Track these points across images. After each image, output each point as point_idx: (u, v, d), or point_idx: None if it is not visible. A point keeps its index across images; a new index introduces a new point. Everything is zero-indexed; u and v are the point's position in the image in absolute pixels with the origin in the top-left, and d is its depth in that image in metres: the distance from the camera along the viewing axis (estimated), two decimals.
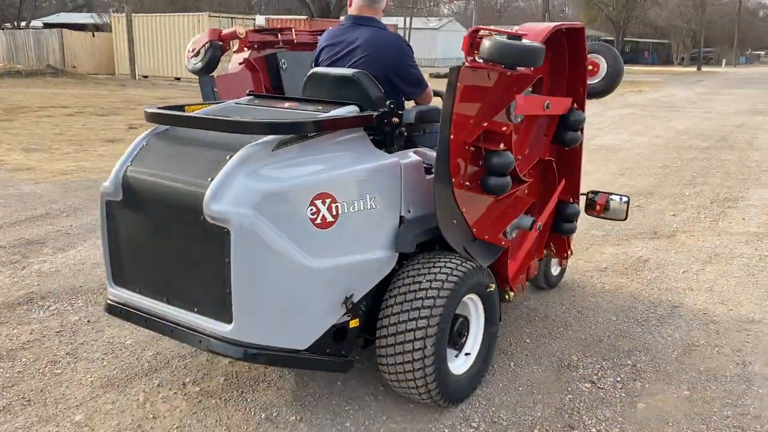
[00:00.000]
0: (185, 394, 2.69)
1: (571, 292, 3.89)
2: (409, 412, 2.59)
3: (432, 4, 51.36)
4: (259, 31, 3.61)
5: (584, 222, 5.35)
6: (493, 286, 2.70)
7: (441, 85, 3.32)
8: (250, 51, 3.48)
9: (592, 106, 9.63)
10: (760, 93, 21.97)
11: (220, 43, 3.43)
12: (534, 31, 2.57)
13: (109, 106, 13.58)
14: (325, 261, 2.24)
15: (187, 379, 2.80)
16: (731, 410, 2.67)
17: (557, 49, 2.84)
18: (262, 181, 2.10)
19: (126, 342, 3.13)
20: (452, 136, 2.32)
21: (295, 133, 2.25)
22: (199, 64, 3.41)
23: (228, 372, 2.85)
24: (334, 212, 2.24)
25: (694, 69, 45.20)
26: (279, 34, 3.66)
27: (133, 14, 23.21)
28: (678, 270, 4.31)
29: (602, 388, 2.82)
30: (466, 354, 2.69)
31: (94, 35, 25.80)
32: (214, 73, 3.44)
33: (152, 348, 3.06)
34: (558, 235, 3.27)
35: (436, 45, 51.09)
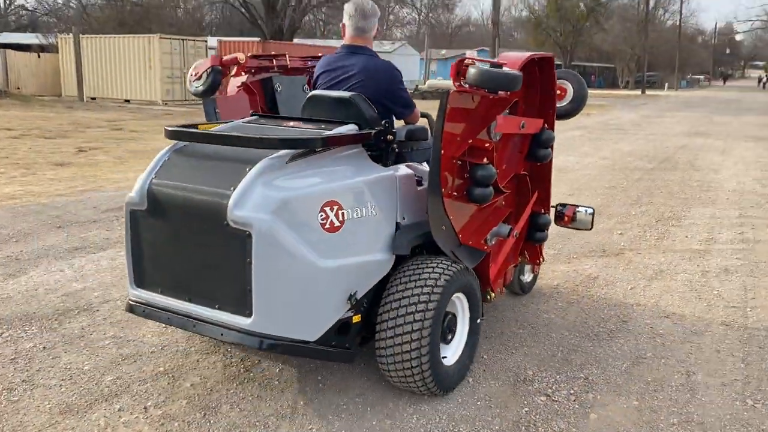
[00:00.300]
0: (147, 418, 2.68)
1: (524, 309, 4.01)
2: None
3: (385, 28, 52.17)
4: (257, 57, 3.90)
5: None
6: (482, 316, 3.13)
7: (423, 106, 3.51)
8: (247, 75, 3.77)
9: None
10: (700, 116, 22.98)
11: (221, 67, 3.71)
12: (512, 60, 2.90)
13: (57, 129, 13.31)
14: (333, 261, 2.51)
15: (149, 403, 2.78)
16: (677, 417, 2.81)
17: (531, 76, 3.21)
18: (278, 190, 2.36)
19: (84, 367, 3.09)
20: (442, 152, 2.61)
21: (307, 148, 2.53)
22: (201, 87, 3.69)
23: (190, 395, 2.85)
24: (341, 218, 2.53)
25: (638, 92, 46.89)
26: (274, 60, 3.95)
27: (81, 35, 22.84)
28: (626, 286, 4.49)
29: (557, 401, 2.93)
30: (454, 347, 2.98)
31: (39, 56, 25.22)
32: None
33: (111, 373, 3.04)
34: (531, 243, 3.65)
35: None
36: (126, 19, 35.67)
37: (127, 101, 22.27)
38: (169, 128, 2.68)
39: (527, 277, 4.16)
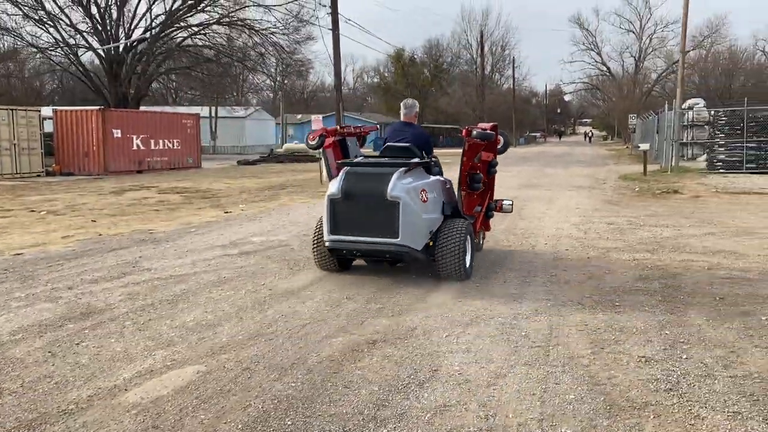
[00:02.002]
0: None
1: (339, 366, 3.94)
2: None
3: (239, 95, 52.03)
4: (339, 128, 7.14)
5: (362, 299, 5.54)
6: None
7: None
8: (333, 138, 6.75)
9: None
10: (534, 169, 24.90)
11: (325, 134, 6.74)
12: (486, 126, 6.59)
13: None
14: (426, 215, 5.80)
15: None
16: None
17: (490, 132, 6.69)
18: (404, 184, 5.64)
19: None
20: (463, 168, 6.50)
21: (409, 168, 5.84)
22: (315, 144, 6.69)
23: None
24: (426, 197, 5.82)
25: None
26: (344, 129, 7.19)
27: None
28: (442, 334, 4.58)
29: None
30: (469, 259, 6.21)
31: None
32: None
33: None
34: (486, 218, 7.35)
35: (245, 132, 51.43)
36: None
37: None
38: (344, 162, 6.18)
39: (482, 240, 7.54)
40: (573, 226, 9.66)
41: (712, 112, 23.22)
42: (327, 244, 5.96)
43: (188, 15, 36.35)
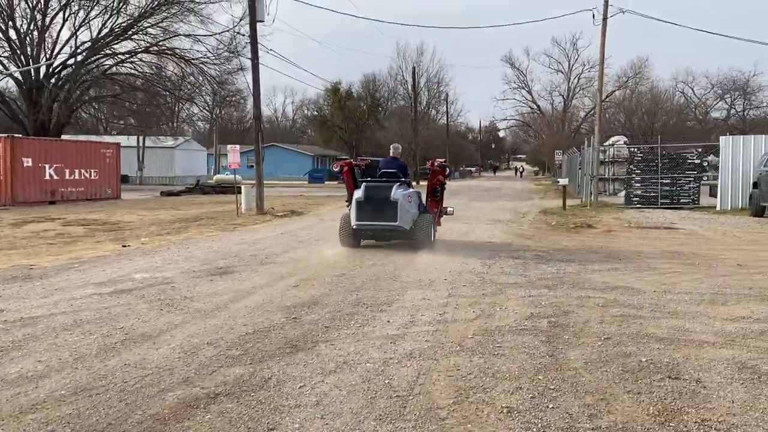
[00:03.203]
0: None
1: (161, 427, 3.43)
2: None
3: (174, 125, 50.75)
4: (356, 160, 12.00)
5: (226, 344, 5.03)
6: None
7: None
8: (347, 167, 11.04)
9: (306, 225, 13.36)
10: (461, 202, 24.89)
11: (346, 164, 11.14)
12: (441, 160, 11.91)
13: None
14: (411, 210, 10.39)
15: None
16: None
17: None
18: (400, 192, 10.25)
19: None
20: (428, 185, 11.60)
21: (400, 182, 10.55)
22: (337, 170, 11.13)
23: None
24: (411, 200, 10.36)
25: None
26: (357, 161, 11.93)
27: None
28: (296, 385, 4.13)
29: None
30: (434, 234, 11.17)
31: None
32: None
33: None
34: (438, 217, 11.80)
35: (174, 162, 50.11)
36: None
37: None
38: (365, 180, 10.63)
39: (436, 233, 11.39)
40: (479, 261, 9.43)
41: (630, 149, 23.92)
42: (354, 226, 10.44)
43: (115, 42, 35.36)
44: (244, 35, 27.65)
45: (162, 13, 34.10)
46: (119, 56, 35.66)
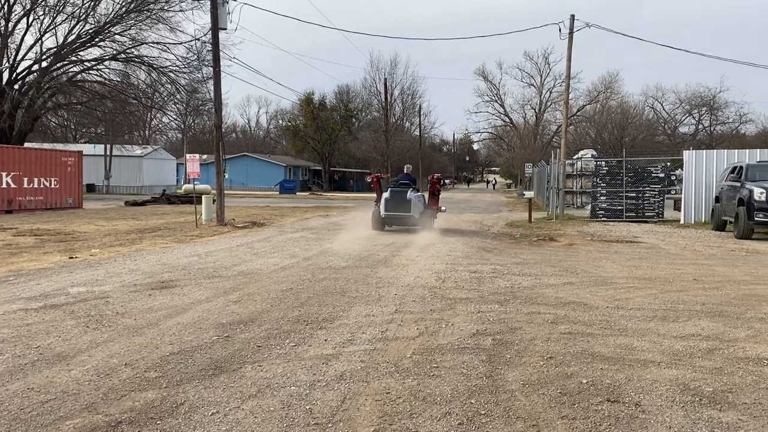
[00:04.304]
0: None
1: None
2: None
3: (146, 134, 49.95)
4: (379, 174, 18.27)
5: (145, 364, 4.69)
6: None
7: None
8: (377, 179, 17.31)
9: (265, 237, 14.66)
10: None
11: (374, 177, 17.46)
12: (438, 174, 18.67)
13: None
14: (420, 205, 16.31)
15: None
16: None
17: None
18: (412, 194, 16.00)
19: None
20: (429, 189, 17.24)
21: (412, 187, 16.50)
22: (370, 181, 17.69)
23: None
24: (419, 199, 16.46)
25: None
26: (379, 175, 17.95)
27: None
28: (209, 411, 3.83)
29: None
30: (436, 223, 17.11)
31: None
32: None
33: None
34: (436, 212, 17.35)
35: (142, 172, 49.30)
36: None
37: None
38: (390, 187, 16.45)
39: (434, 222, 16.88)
40: (434, 275, 9.21)
41: (596, 162, 24.02)
42: (383, 215, 15.83)
43: (82, 49, 34.66)
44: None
45: (130, 20, 33.58)
46: (86, 63, 34.98)
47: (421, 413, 3.86)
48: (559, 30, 23.41)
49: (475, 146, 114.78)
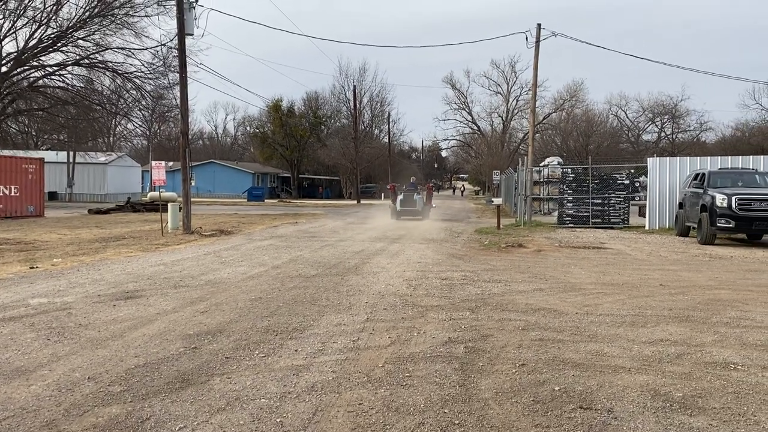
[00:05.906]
0: None
1: None
2: None
3: (110, 141, 48.97)
4: (393, 184, 29.88)
5: (110, 378, 4.53)
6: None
7: None
8: (394, 186, 28.68)
9: (233, 245, 10.25)
10: (395, 223, 24.77)
11: (392, 186, 29.52)
12: (429, 183, 35.08)
13: None
14: (422, 203, 26.44)
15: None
16: None
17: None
18: (418, 195, 26.68)
19: None
20: (427, 192, 28.44)
21: (417, 191, 27.10)
22: (388, 186, 30.35)
23: None
24: (421, 200, 26.54)
25: (355, 202, 50.08)
26: (395, 184, 29.58)
27: None
28: (176, 427, 3.71)
29: None
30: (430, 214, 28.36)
31: None
32: None
33: None
34: (430, 208, 28.86)
35: (106, 179, 48.34)
36: None
37: None
38: (402, 191, 26.90)
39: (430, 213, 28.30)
40: (405, 282, 9.17)
41: (562, 170, 24.33)
42: (398, 209, 25.51)
43: (43, 54, 33.87)
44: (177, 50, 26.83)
45: (94, 25, 32.94)
46: (48, 68, 34.19)
47: (395, 424, 3.80)
48: (526, 39, 23.77)
49: (444, 153, 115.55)
